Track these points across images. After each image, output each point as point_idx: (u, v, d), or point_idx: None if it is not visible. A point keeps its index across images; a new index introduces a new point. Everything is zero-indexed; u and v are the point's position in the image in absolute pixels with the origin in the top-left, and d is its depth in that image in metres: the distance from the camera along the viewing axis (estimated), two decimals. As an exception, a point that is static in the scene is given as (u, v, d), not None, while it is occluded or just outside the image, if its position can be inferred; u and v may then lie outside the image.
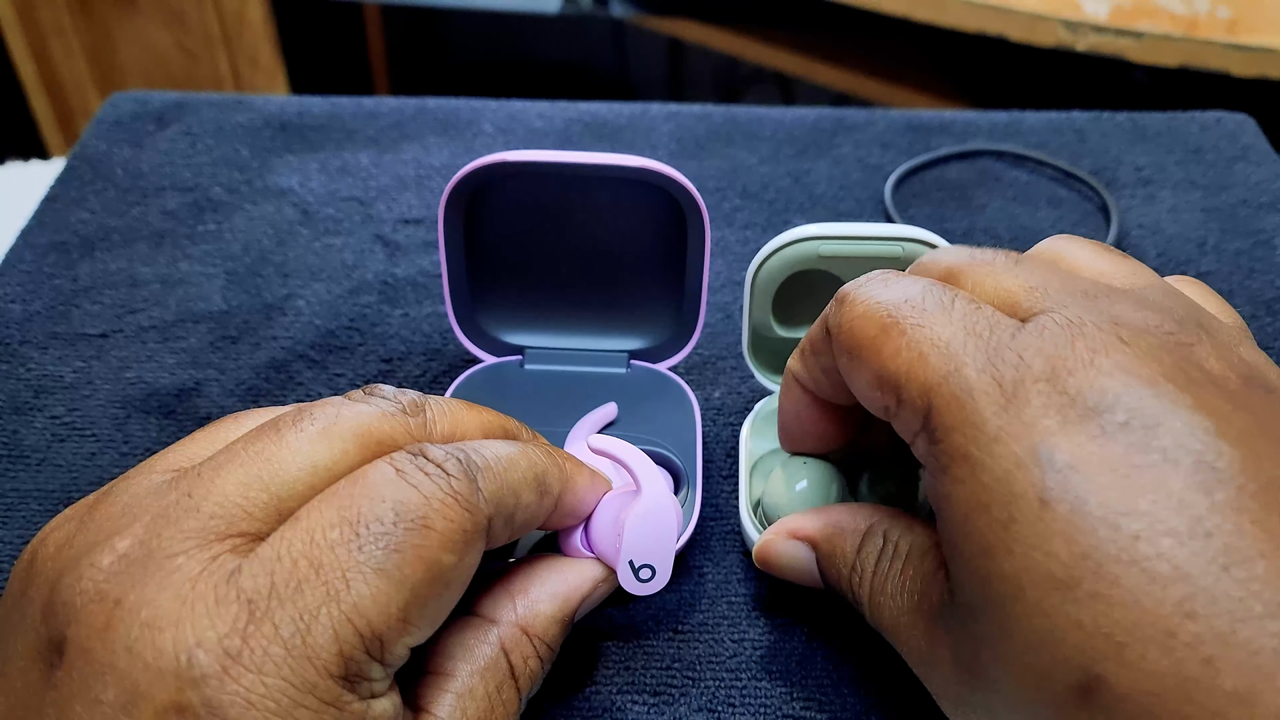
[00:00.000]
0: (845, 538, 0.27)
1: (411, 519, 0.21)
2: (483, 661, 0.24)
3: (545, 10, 1.26)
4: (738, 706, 0.30)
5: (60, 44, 1.28)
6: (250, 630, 0.20)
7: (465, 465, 0.23)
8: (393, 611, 0.21)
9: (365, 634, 0.20)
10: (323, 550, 0.21)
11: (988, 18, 0.94)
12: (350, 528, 0.21)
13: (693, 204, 0.34)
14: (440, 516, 0.21)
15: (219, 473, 0.22)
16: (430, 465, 0.22)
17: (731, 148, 0.54)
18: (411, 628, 0.21)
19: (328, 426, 0.23)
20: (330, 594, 0.20)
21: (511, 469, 0.24)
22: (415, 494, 0.21)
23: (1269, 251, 0.48)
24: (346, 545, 0.21)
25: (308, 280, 0.45)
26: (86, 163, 0.52)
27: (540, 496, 0.25)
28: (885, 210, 0.50)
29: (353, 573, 0.20)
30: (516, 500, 0.24)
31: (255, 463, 0.22)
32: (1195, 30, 0.88)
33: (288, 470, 0.22)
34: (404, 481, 0.22)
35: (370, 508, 0.21)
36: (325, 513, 0.21)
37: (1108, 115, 0.56)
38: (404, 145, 0.53)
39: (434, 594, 0.21)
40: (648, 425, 0.36)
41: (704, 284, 0.36)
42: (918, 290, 0.24)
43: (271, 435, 0.23)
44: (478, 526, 0.22)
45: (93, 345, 0.42)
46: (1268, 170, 0.53)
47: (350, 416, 0.23)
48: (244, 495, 0.22)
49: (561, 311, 0.38)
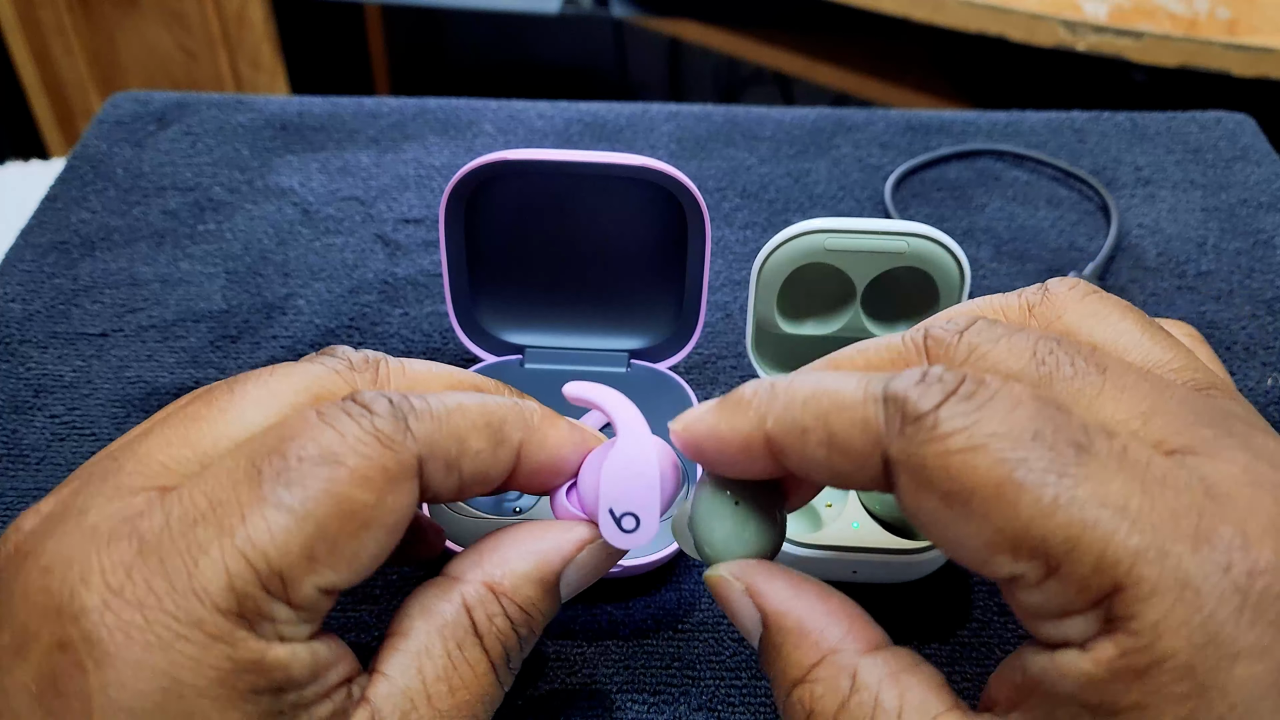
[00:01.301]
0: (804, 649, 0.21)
1: (321, 455, 0.20)
2: (440, 619, 0.23)
3: (545, 10, 1.26)
4: (737, 705, 0.30)
5: (61, 44, 1.28)
6: (136, 565, 0.19)
7: (395, 406, 0.21)
8: (293, 547, 0.20)
9: (260, 569, 0.19)
10: (224, 488, 0.20)
11: (987, 18, 0.94)
12: (253, 466, 0.20)
13: (693, 203, 0.34)
14: (354, 453, 0.20)
15: (148, 435, 0.22)
16: (355, 407, 0.21)
17: (731, 148, 0.54)
18: (320, 567, 0.20)
19: (265, 384, 0.22)
20: (224, 529, 0.19)
21: (458, 414, 0.22)
22: (330, 432, 0.20)
23: (1269, 251, 0.48)
24: (248, 482, 0.20)
25: (308, 280, 0.45)
26: (87, 163, 0.52)
27: (495, 445, 0.23)
28: (885, 210, 0.50)
29: (250, 509, 0.20)
30: (461, 446, 0.22)
31: (183, 423, 0.22)
32: (1195, 30, 0.88)
33: (215, 428, 0.22)
34: (322, 423, 0.21)
35: (279, 447, 0.20)
36: (235, 457, 0.21)
37: (1107, 115, 0.56)
38: (404, 145, 0.53)
39: (347, 532, 0.20)
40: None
41: (704, 283, 0.36)
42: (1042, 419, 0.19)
43: (205, 397, 0.22)
44: (401, 465, 0.21)
45: (93, 344, 0.42)
46: (1267, 170, 0.53)
47: (290, 374, 0.23)
48: (165, 453, 0.21)
49: (561, 311, 0.38)
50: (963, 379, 0.20)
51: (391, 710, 0.21)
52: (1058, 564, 0.18)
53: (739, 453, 0.22)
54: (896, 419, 0.20)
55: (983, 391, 0.19)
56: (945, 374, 0.20)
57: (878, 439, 0.20)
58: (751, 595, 0.22)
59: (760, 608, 0.22)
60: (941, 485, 0.19)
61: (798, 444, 0.21)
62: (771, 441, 0.21)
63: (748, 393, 0.22)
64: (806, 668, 0.21)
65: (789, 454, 0.21)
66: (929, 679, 0.21)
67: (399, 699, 0.22)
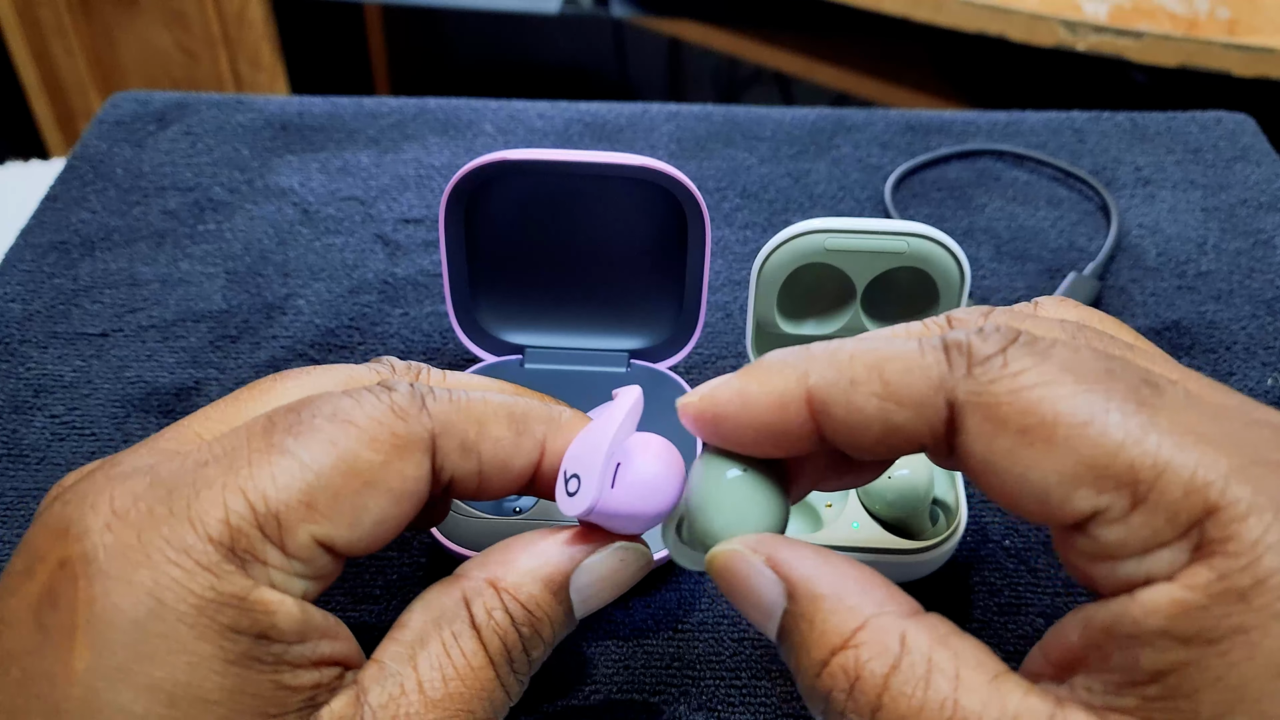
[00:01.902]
0: (841, 615, 0.20)
1: (333, 412, 0.21)
2: (437, 610, 0.23)
3: (545, 10, 1.26)
4: (737, 706, 0.30)
5: (61, 44, 1.28)
6: (144, 494, 0.20)
7: (414, 388, 0.22)
8: (293, 492, 0.20)
9: (258, 508, 0.20)
10: (239, 438, 0.21)
11: (987, 18, 0.94)
12: (270, 421, 0.21)
13: (693, 203, 0.34)
14: (365, 415, 0.21)
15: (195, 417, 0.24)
16: (378, 387, 0.22)
17: (731, 148, 0.54)
18: (318, 516, 0.20)
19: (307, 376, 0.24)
20: (229, 469, 0.20)
21: (480, 402, 0.23)
22: (347, 399, 0.22)
23: (1269, 251, 0.48)
24: (262, 434, 0.21)
25: (308, 280, 0.45)
26: (87, 162, 0.52)
27: (516, 434, 0.23)
28: (885, 210, 0.50)
29: (258, 454, 0.20)
30: (480, 429, 0.23)
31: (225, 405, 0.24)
32: (1195, 30, 0.88)
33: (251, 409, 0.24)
34: (343, 395, 0.22)
35: (296, 407, 0.22)
36: (256, 419, 0.22)
37: (1107, 115, 0.56)
38: (404, 145, 0.53)
39: (350, 489, 0.21)
40: (648, 425, 0.36)
41: (704, 283, 0.36)
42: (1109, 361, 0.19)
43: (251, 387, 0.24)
44: (411, 434, 0.22)
45: (93, 344, 0.42)
46: (1267, 170, 0.53)
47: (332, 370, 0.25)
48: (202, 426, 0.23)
49: (562, 311, 0.38)
50: (1019, 332, 0.20)
51: (379, 693, 0.21)
52: (1146, 492, 0.17)
53: (771, 414, 0.21)
54: (962, 362, 0.19)
55: (1041, 342, 0.19)
56: (1002, 325, 0.20)
57: (940, 383, 0.20)
58: (774, 566, 0.21)
59: (785, 577, 0.21)
60: (1018, 421, 0.18)
61: (844, 397, 0.20)
62: (814, 398, 0.21)
63: (776, 357, 0.22)
64: (848, 632, 0.20)
65: (833, 409, 0.21)
66: (978, 643, 0.20)
67: (389, 683, 0.21)
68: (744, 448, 0.22)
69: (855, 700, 0.19)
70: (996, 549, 0.35)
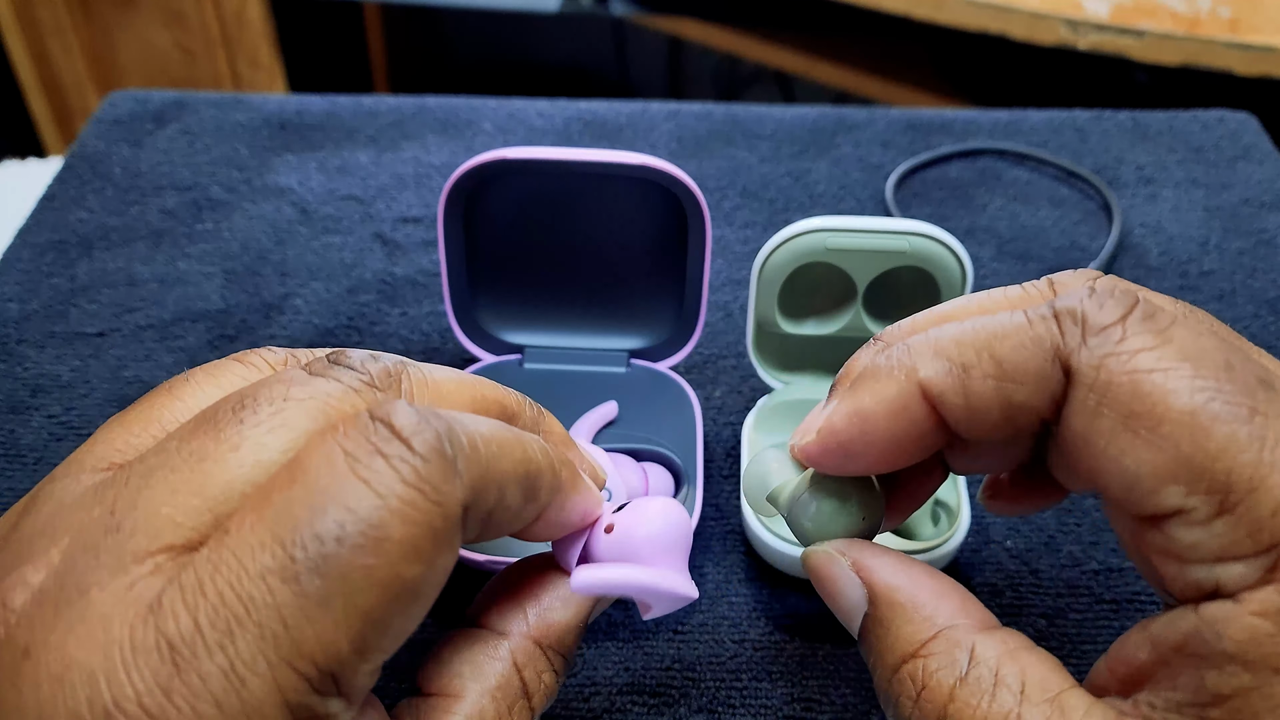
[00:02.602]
0: (915, 624, 0.21)
1: (361, 533, 0.17)
2: (494, 680, 0.21)
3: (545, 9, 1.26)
4: (738, 707, 0.30)
5: (59, 43, 1.28)
6: (175, 685, 0.17)
7: (440, 438, 0.18)
8: (343, 646, 0.17)
9: (312, 676, 0.17)
10: (254, 582, 0.17)
11: (989, 16, 0.94)
12: (284, 551, 0.17)
13: (694, 202, 0.34)
14: (401, 520, 0.17)
15: (147, 481, 0.19)
16: (392, 442, 0.18)
17: (732, 147, 0.53)
18: (371, 653, 0.18)
19: (274, 415, 0.19)
20: (265, 636, 0.17)
21: (502, 456, 0.20)
22: (366, 493, 0.17)
23: (1271, 250, 0.48)
24: (280, 575, 0.17)
25: (306, 279, 0.45)
26: (85, 162, 0.52)
27: (526, 500, 0.21)
28: (886, 209, 0.50)
29: (290, 610, 0.17)
30: (500, 496, 0.20)
31: (187, 466, 0.19)
32: (1197, 29, 0.88)
33: (225, 471, 0.19)
34: (354, 475, 0.17)
35: (309, 520, 0.17)
36: (256, 529, 0.17)
37: (1109, 114, 0.56)
38: (403, 144, 0.53)
39: (396, 612, 0.18)
40: (648, 425, 0.36)
41: (704, 283, 0.36)
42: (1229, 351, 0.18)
43: (209, 432, 0.19)
44: (449, 522, 0.18)
45: (90, 344, 0.42)
46: (1270, 169, 0.52)
47: (302, 399, 0.19)
48: (172, 504, 0.18)
49: (561, 310, 0.38)
50: (1137, 299, 0.19)
51: None
52: (1236, 502, 0.17)
53: (895, 425, 0.21)
54: (1076, 332, 0.19)
55: (1162, 315, 0.19)
56: (1118, 290, 0.19)
57: (1056, 352, 0.19)
58: (858, 570, 0.22)
59: (868, 582, 0.21)
60: (1127, 404, 0.18)
61: (960, 384, 0.20)
62: (929, 391, 0.20)
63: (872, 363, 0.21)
64: (919, 642, 0.20)
65: (950, 400, 0.20)
66: (1047, 658, 0.20)
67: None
68: (871, 468, 0.22)
69: (921, 709, 0.20)
70: (998, 550, 0.35)
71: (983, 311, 0.21)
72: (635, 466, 0.34)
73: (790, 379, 0.37)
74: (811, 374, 0.37)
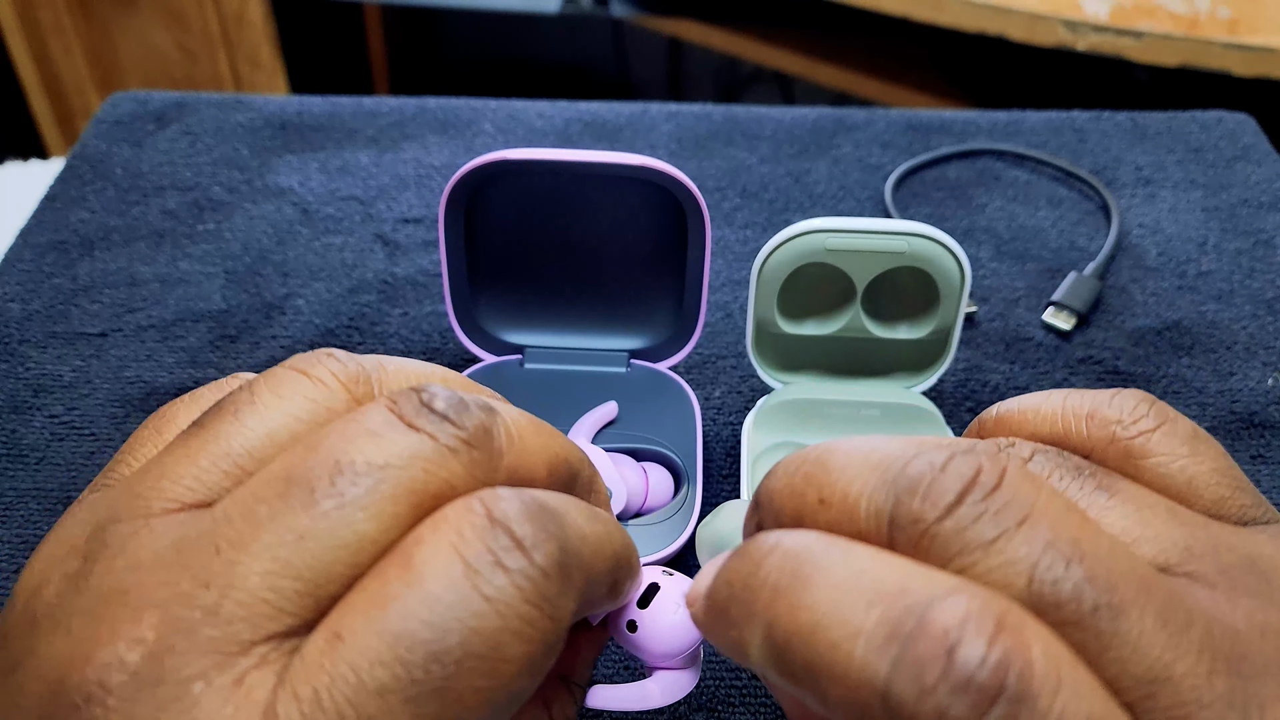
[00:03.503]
0: None
1: (483, 652, 0.17)
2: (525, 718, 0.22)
3: (545, 10, 1.26)
4: (737, 705, 0.30)
5: (60, 44, 1.28)
6: None
7: (560, 552, 0.18)
8: None
9: None
10: (370, 699, 0.16)
11: (988, 17, 0.94)
12: (403, 668, 0.17)
13: (693, 202, 0.34)
14: (519, 639, 0.17)
15: (240, 554, 0.18)
16: (513, 553, 0.17)
17: (731, 147, 0.54)
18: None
19: (373, 486, 0.18)
20: None
21: (601, 555, 0.19)
22: (489, 611, 0.17)
23: (1269, 251, 0.48)
24: (400, 695, 0.17)
25: (307, 279, 0.45)
26: (86, 162, 0.52)
27: (610, 593, 0.20)
28: (885, 210, 0.50)
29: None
30: (596, 595, 0.20)
31: (285, 544, 0.18)
32: (1196, 30, 0.88)
33: (325, 551, 0.18)
34: (475, 591, 0.17)
35: (429, 634, 0.17)
36: (372, 639, 0.17)
37: (1108, 115, 0.56)
38: (404, 145, 0.53)
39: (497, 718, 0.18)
40: (648, 425, 0.36)
41: (704, 283, 0.36)
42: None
43: (302, 500, 0.18)
44: (561, 635, 0.18)
45: (92, 344, 0.42)
46: (1268, 170, 0.53)
47: (400, 468, 0.18)
48: (273, 589, 0.17)
49: (561, 311, 0.38)
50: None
51: None
52: None
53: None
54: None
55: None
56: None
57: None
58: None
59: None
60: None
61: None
62: None
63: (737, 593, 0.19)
64: None
65: None
66: None
67: None
68: None
69: None
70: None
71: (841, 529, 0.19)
72: (635, 466, 0.34)
73: (790, 379, 0.37)
74: (811, 374, 0.37)
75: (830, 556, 0.17)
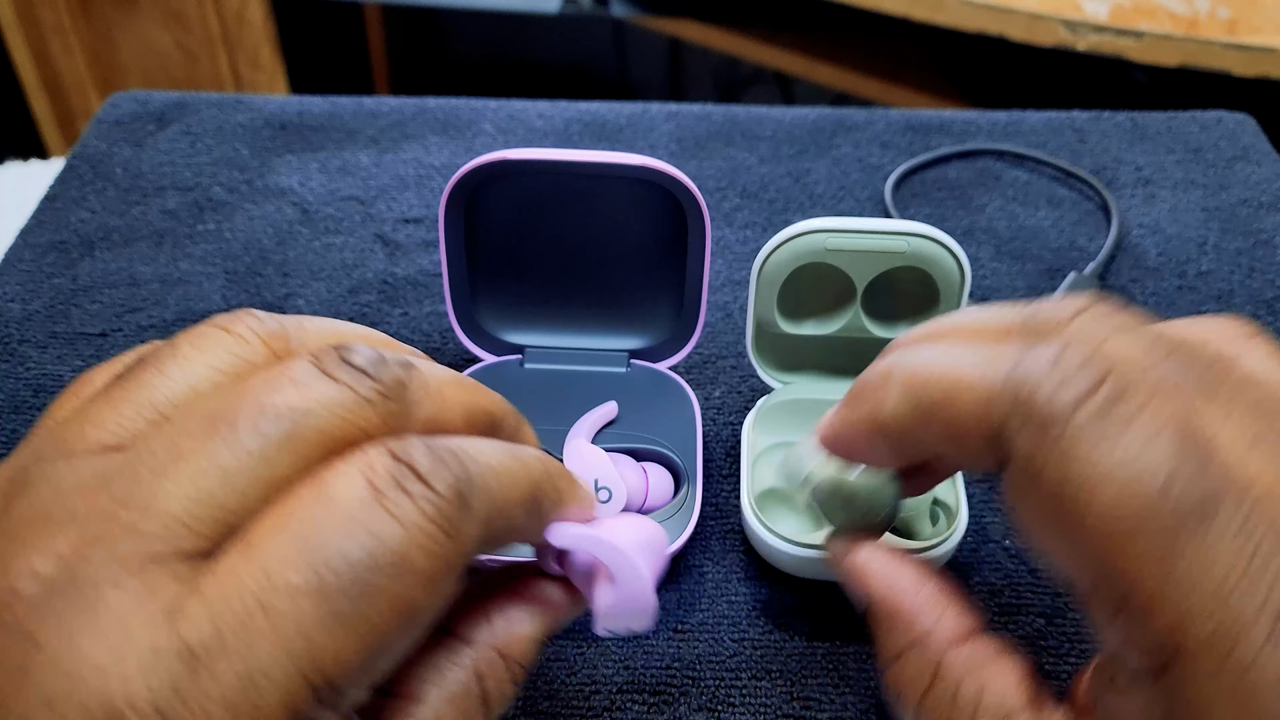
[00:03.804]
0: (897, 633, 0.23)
1: (389, 561, 0.18)
2: (454, 688, 0.22)
3: (545, 10, 1.26)
4: (737, 706, 0.30)
5: (60, 44, 1.28)
6: (189, 687, 0.17)
7: (458, 481, 0.19)
8: (353, 661, 0.18)
9: (319, 685, 0.18)
10: (280, 596, 0.18)
11: (988, 17, 0.94)
12: (314, 572, 0.18)
13: (693, 203, 0.34)
14: (423, 552, 0.18)
15: (160, 480, 0.19)
16: (415, 482, 0.19)
17: (731, 147, 0.54)
18: (372, 671, 0.19)
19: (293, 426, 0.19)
20: (286, 648, 0.18)
21: (509, 486, 0.21)
22: (394, 527, 0.18)
23: (1269, 251, 0.48)
24: (309, 595, 0.18)
25: (308, 279, 0.45)
26: (86, 162, 0.52)
27: (529, 519, 0.22)
28: (885, 210, 0.50)
29: (312, 625, 0.18)
30: (507, 523, 0.21)
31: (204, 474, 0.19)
32: (1195, 30, 0.88)
33: (242, 481, 0.19)
34: (382, 509, 0.18)
35: (338, 545, 0.18)
36: (283, 546, 0.18)
37: (1108, 115, 0.56)
38: (404, 145, 0.53)
39: (402, 635, 0.19)
40: (648, 425, 0.36)
41: (704, 283, 0.36)
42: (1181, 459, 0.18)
43: (225, 436, 0.19)
44: (462, 556, 0.19)
45: (92, 344, 0.42)
46: (1268, 170, 0.53)
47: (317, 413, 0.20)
48: (190, 514, 0.19)
49: (561, 311, 0.38)
50: (1103, 378, 0.19)
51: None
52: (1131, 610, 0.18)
53: (870, 441, 0.23)
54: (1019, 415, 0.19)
55: (1124, 404, 0.19)
56: (1084, 367, 0.19)
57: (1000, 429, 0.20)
58: (855, 574, 0.24)
59: (863, 587, 0.24)
60: (1051, 500, 0.19)
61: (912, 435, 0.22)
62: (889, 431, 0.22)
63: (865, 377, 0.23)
64: (896, 652, 0.22)
65: (905, 446, 0.22)
66: (1011, 671, 0.21)
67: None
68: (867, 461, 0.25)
69: (903, 706, 0.22)
70: (996, 549, 0.35)
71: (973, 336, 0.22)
72: (635, 466, 0.34)
73: (790, 379, 0.37)
74: (811, 374, 0.37)
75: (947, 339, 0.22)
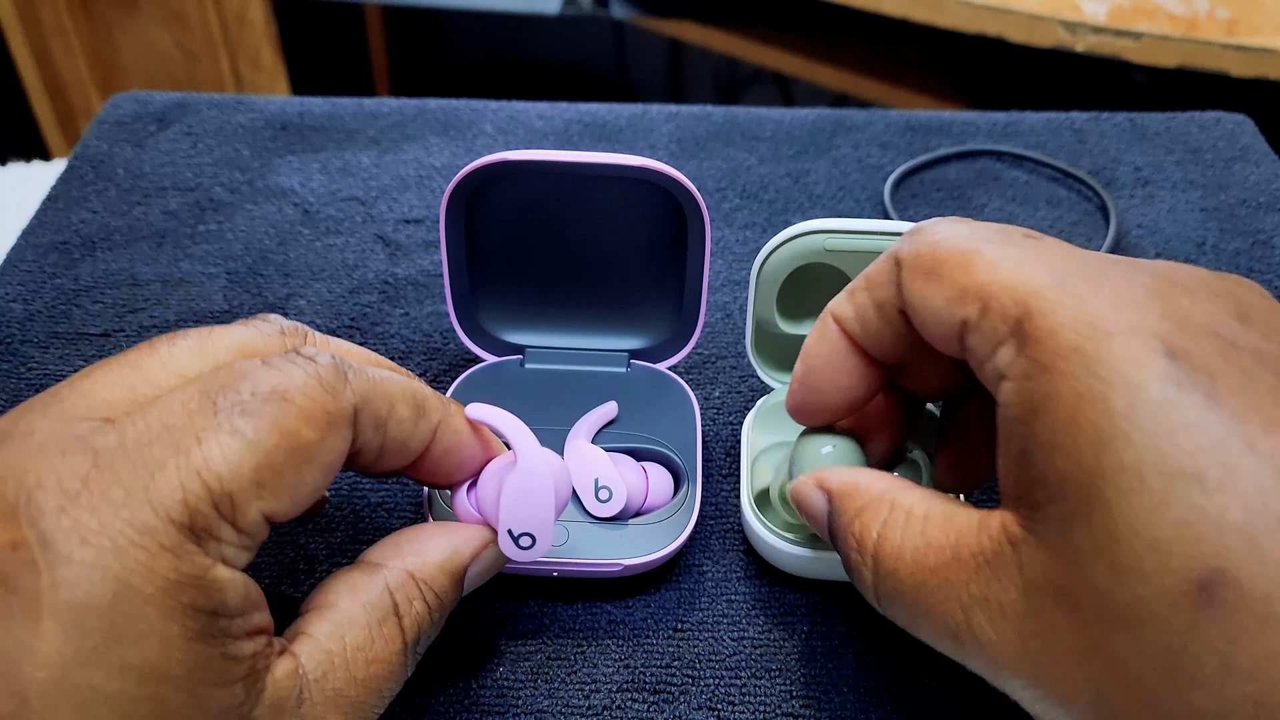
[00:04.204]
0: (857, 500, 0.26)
1: (270, 391, 0.22)
2: (366, 596, 0.25)
3: (545, 11, 1.27)
4: (737, 705, 0.30)
5: (61, 44, 1.28)
6: (93, 475, 0.20)
7: (337, 361, 0.23)
8: (244, 471, 0.21)
9: (214, 488, 0.21)
10: (178, 416, 0.21)
11: (987, 18, 0.94)
12: (207, 399, 0.21)
13: (693, 203, 0.34)
14: (300, 393, 0.22)
15: (88, 376, 0.23)
16: (299, 358, 0.23)
17: (731, 148, 0.54)
18: (266, 493, 0.22)
19: (203, 342, 0.24)
20: (180, 449, 0.21)
21: (388, 382, 0.25)
22: (278, 374, 0.22)
23: (1268, 251, 0.48)
24: (202, 412, 0.21)
25: (309, 280, 0.45)
26: (88, 163, 0.52)
27: (416, 415, 0.25)
28: (885, 210, 0.50)
29: (205, 433, 0.21)
30: (390, 409, 0.24)
31: (123, 367, 0.23)
32: (1194, 30, 0.88)
33: (155, 374, 0.23)
34: (269, 367, 0.22)
35: (231, 383, 0.22)
36: (185, 391, 0.22)
37: (1106, 116, 0.56)
38: (405, 145, 0.54)
39: (291, 464, 0.22)
40: (648, 425, 0.36)
41: (704, 283, 0.36)
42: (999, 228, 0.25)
43: (143, 348, 0.24)
44: (341, 410, 0.23)
45: (94, 345, 0.42)
46: (1266, 170, 0.53)
47: (225, 334, 0.25)
48: (107, 391, 0.23)
49: (562, 311, 0.38)
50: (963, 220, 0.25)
51: (314, 666, 0.23)
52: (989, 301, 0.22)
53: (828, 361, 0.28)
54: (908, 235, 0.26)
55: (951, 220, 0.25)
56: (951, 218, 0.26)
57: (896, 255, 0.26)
58: (819, 483, 0.27)
59: (825, 489, 0.27)
60: (924, 263, 0.24)
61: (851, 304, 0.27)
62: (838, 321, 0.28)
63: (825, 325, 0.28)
64: (855, 512, 0.25)
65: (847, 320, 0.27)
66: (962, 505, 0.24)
67: (321, 657, 0.23)
68: (839, 411, 0.28)
69: (862, 555, 0.25)
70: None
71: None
72: (635, 466, 0.34)
73: (789, 379, 0.37)
74: (810, 374, 0.37)
75: None
